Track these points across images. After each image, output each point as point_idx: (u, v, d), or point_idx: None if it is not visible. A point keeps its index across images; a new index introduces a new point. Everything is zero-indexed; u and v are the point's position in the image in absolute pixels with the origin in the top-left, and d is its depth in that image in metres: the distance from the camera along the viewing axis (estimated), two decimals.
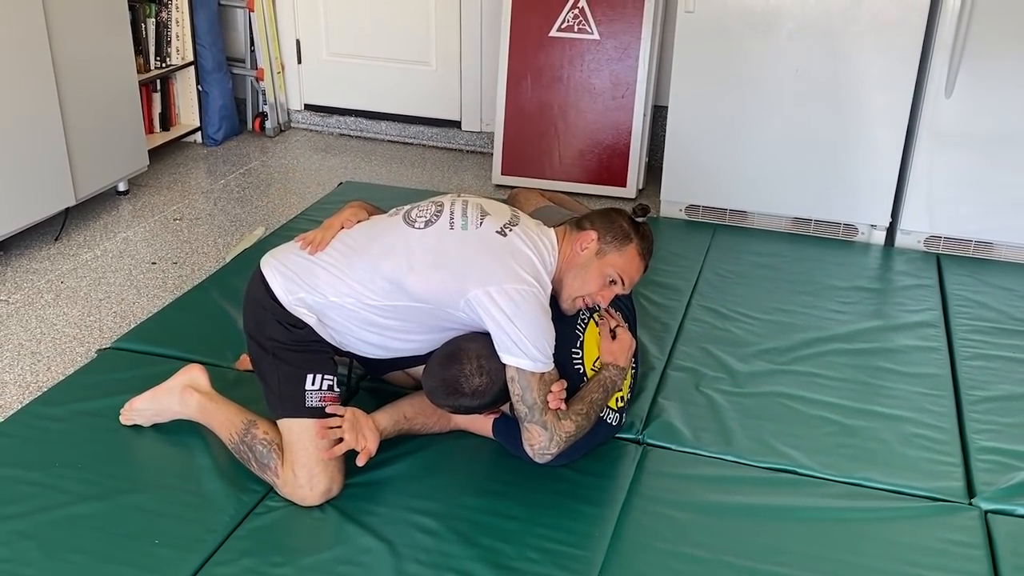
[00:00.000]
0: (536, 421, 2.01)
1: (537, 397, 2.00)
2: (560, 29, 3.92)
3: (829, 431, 2.38)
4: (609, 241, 2.12)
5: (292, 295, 2.09)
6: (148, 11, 4.15)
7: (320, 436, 2.06)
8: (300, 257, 2.12)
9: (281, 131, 4.74)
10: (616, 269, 2.12)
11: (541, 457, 2.04)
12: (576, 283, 2.11)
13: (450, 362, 2.03)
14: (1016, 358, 2.73)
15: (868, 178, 3.44)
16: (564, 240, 2.14)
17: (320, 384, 2.09)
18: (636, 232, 2.16)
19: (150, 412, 2.29)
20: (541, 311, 2.00)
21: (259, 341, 2.13)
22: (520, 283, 1.99)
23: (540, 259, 2.06)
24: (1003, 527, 2.07)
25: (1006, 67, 3.17)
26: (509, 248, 2.04)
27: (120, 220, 3.70)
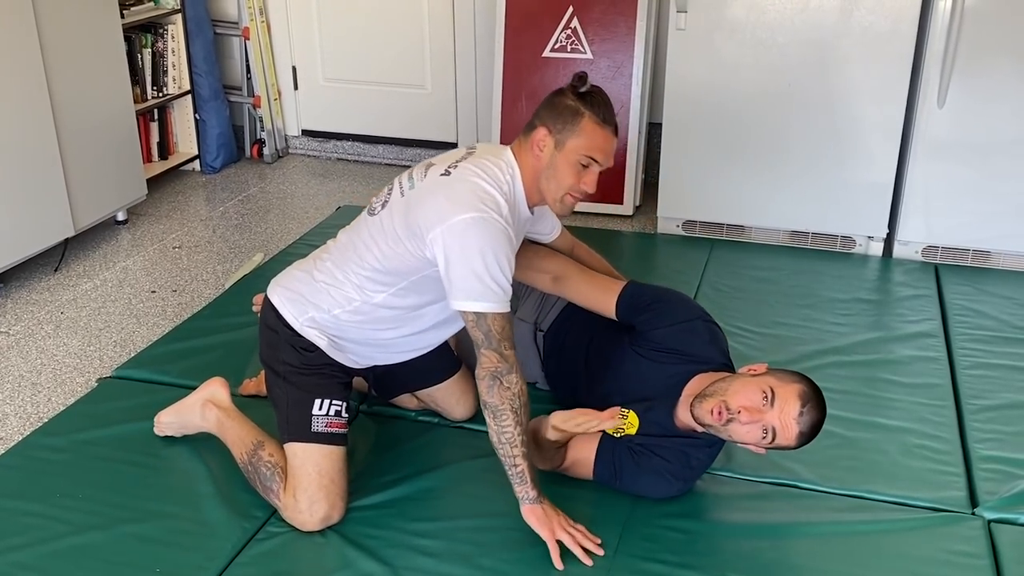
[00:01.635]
0: (494, 349, 1.94)
1: (499, 336, 1.92)
2: (553, 49, 3.94)
3: (830, 443, 2.37)
4: (561, 128, 1.98)
5: (302, 315, 2.10)
6: (144, 41, 4.18)
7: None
8: (303, 273, 2.14)
9: (279, 157, 4.76)
10: (581, 151, 1.98)
11: (490, 385, 1.92)
12: (552, 184, 2.02)
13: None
14: (1016, 366, 2.73)
15: (864, 190, 3.45)
16: (520, 151, 2.03)
17: (327, 410, 2.08)
18: (584, 102, 1.98)
19: (176, 425, 2.34)
20: (493, 237, 1.89)
21: (272, 366, 2.14)
22: (465, 212, 1.89)
23: (493, 182, 1.96)
24: (1007, 536, 2.06)
25: (997, 76, 3.19)
26: (453, 183, 1.96)
27: (119, 249, 3.71)
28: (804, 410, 1.93)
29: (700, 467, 2.16)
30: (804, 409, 1.93)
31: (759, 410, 1.94)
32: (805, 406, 1.93)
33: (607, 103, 2.01)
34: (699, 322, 2.22)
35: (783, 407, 1.93)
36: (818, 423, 1.97)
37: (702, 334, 2.21)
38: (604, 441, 2.17)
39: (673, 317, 2.22)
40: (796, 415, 1.93)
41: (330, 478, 2.06)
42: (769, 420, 1.94)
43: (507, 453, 1.95)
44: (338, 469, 2.08)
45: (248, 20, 4.49)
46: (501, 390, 1.93)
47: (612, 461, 2.14)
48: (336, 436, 2.09)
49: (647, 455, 2.12)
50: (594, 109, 1.98)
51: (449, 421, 2.43)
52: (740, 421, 1.95)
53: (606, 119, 2.00)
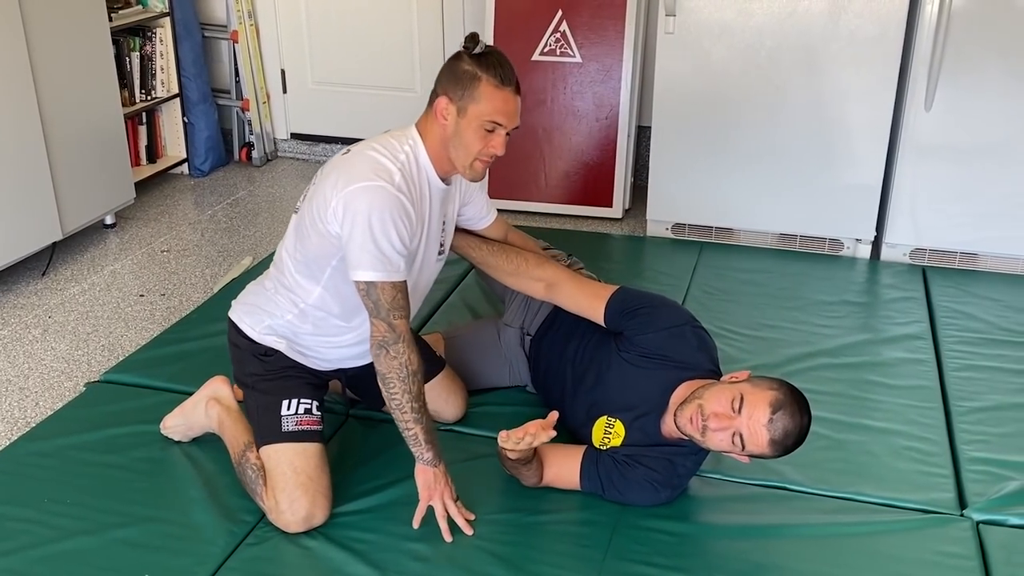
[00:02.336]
0: (383, 318, 1.96)
1: (388, 305, 1.94)
2: (542, 53, 3.95)
3: (819, 446, 2.38)
4: (461, 94, 1.95)
5: (259, 325, 2.16)
6: (132, 45, 4.17)
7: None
8: (255, 285, 2.23)
9: (268, 160, 4.75)
10: (484, 116, 1.95)
11: (377, 354, 1.98)
12: (460, 152, 2.00)
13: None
14: (1004, 368, 2.74)
15: (852, 192, 3.47)
16: (425, 126, 2.02)
17: (296, 408, 2.11)
18: (481, 65, 1.94)
19: (183, 427, 2.34)
20: (383, 205, 1.91)
21: (242, 381, 2.20)
22: (357, 183, 1.92)
23: (389, 154, 1.97)
24: (995, 537, 2.07)
25: (983, 79, 3.21)
26: (350, 159, 2.00)
27: (107, 253, 3.70)
28: (774, 417, 1.90)
29: (687, 474, 2.16)
30: (774, 416, 1.90)
31: (728, 416, 1.93)
32: (776, 412, 1.90)
33: (504, 63, 1.97)
34: (688, 328, 2.21)
35: (751, 413, 1.91)
36: (795, 430, 1.93)
37: (690, 340, 2.20)
38: (588, 453, 2.16)
39: (661, 323, 2.21)
40: (765, 422, 1.90)
41: (307, 475, 2.06)
42: (737, 426, 1.92)
43: (398, 418, 2.01)
44: (315, 466, 2.08)
45: (237, 23, 4.48)
46: (388, 359, 1.97)
47: (597, 474, 2.14)
48: (308, 433, 2.10)
49: (632, 465, 2.12)
50: (491, 71, 1.94)
51: (439, 424, 2.42)
52: (711, 428, 1.94)
53: (504, 80, 1.95)
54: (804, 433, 1.97)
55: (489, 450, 2.29)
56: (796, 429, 1.94)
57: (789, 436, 1.93)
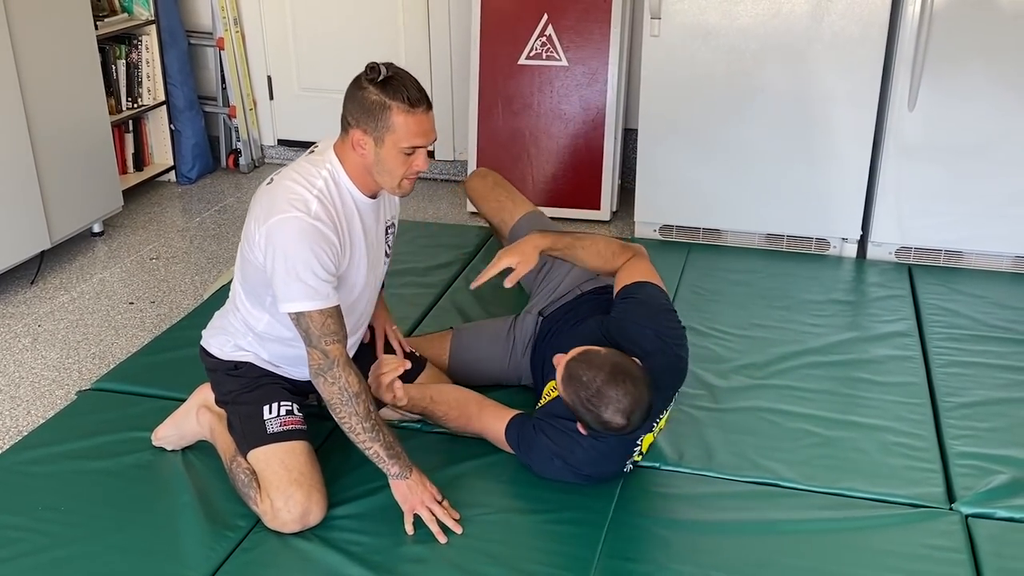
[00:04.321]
0: (315, 346, 1.99)
1: (318, 333, 1.97)
2: (529, 57, 3.97)
3: (809, 443, 2.40)
4: (373, 125, 1.96)
5: (227, 344, 2.22)
6: (118, 52, 4.17)
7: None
8: (221, 309, 2.28)
9: (255, 167, 4.76)
10: (402, 143, 1.97)
11: (316, 382, 2.02)
12: (385, 177, 2.04)
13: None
14: (990, 363, 2.77)
15: (838, 192, 3.50)
16: (344, 151, 2.04)
17: (278, 411, 2.14)
18: (388, 92, 1.94)
19: (175, 437, 2.34)
20: (298, 237, 1.93)
21: (223, 400, 2.23)
22: (273, 217, 1.95)
23: (305, 182, 1.98)
24: (984, 530, 2.09)
25: (966, 79, 3.24)
26: (270, 191, 2.01)
27: (96, 261, 3.70)
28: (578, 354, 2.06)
29: (587, 458, 2.16)
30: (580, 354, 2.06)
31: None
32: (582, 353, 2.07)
33: (410, 83, 1.96)
34: (653, 332, 2.23)
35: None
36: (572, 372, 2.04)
37: (651, 342, 2.21)
38: (519, 414, 2.25)
39: (636, 316, 2.26)
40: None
41: (299, 471, 2.07)
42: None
43: (354, 440, 2.04)
44: (304, 462, 2.10)
45: (223, 30, 4.48)
46: (327, 385, 2.00)
47: (517, 434, 2.22)
48: (293, 432, 2.13)
49: (538, 433, 2.19)
50: (399, 97, 1.94)
51: (431, 427, 2.43)
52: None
53: (413, 102, 1.95)
54: (590, 385, 2.01)
55: (482, 451, 2.30)
56: (584, 379, 2.02)
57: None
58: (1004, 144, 3.29)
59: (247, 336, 2.20)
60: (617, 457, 2.20)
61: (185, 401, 2.36)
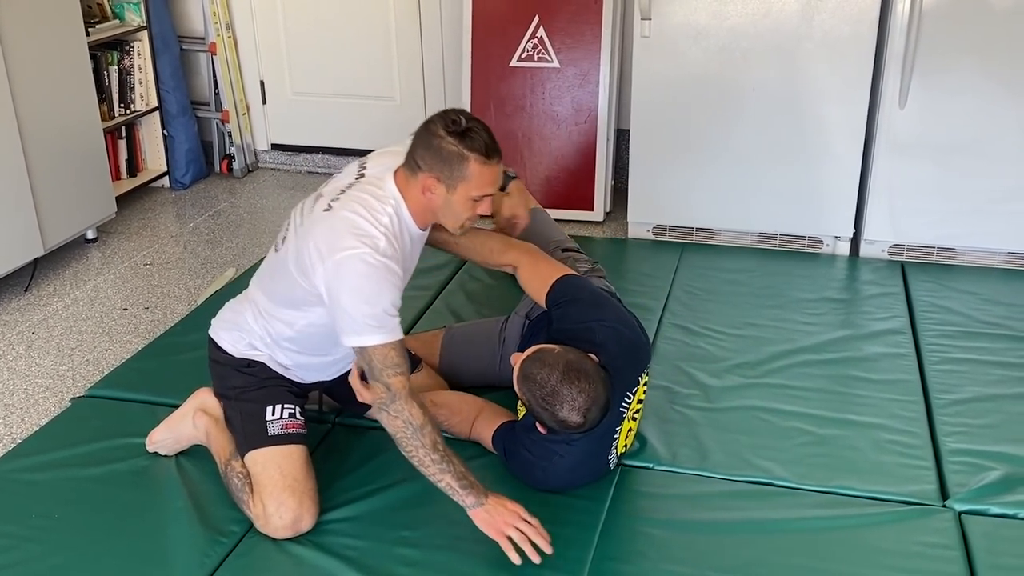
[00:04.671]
0: (376, 379, 1.96)
1: (380, 366, 1.94)
2: (520, 59, 3.97)
3: (803, 441, 2.40)
4: (448, 174, 1.97)
5: (240, 342, 2.20)
6: (110, 59, 4.16)
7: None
8: (236, 304, 2.25)
9: (249, 172, 4.75)
10: (474, 192, 2.00)
11: (379, 415, 1.99)
12: (449, 219, 2.06)
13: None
14: (982, 360, 2.77)
15: (830, 190, 3.50)
16: (406, 187, 2.03)
17: (280, 413, 2.14)
18: (466, 143, 1.95)
19: (170, 441, 2.34)
20: (367, 274, 1.92)
21: (224, 395, 2.22)
22: (340, 252, 1.93)
23: (371, 218, 1.97)
24: (977, 527, 2.10)
25: (956, 76, 3.24)
26: (332, 220, 1.99)
27: (90, 268, 3.69)
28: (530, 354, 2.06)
29: (567, 464, 2.16)
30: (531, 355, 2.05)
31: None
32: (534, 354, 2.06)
33: (486, 135, 1.99)
34: (606, 327, 2.19)
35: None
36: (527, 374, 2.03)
37: (598, 333, 2.18)
38: (507, 423, 2.25)
39: (581, 317, 2.21)
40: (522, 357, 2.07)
41: (293, 477, 2.07)
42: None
43: (425, 473, 1.99)
44: (300, 468, 2.10)
45: (215, 35, 4.48)
46: (390, 419, 1.97)
47: (503, 441, 2.23)
48: (293, 436, 2.13)
49: (519, 446, 2.19)
50: (477, 148, 1.96)
51: None
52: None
53: (490, 154, 1.98)
54: (545, 384, 2.00)
55: (474, 453, 2.30)
56: (537, 378, 2.01)
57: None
58: (995, 140, 3.30)
59: (265, 339, 2.18)
60: (596, 456, 2.19)
61: (180, 405, 2.36)
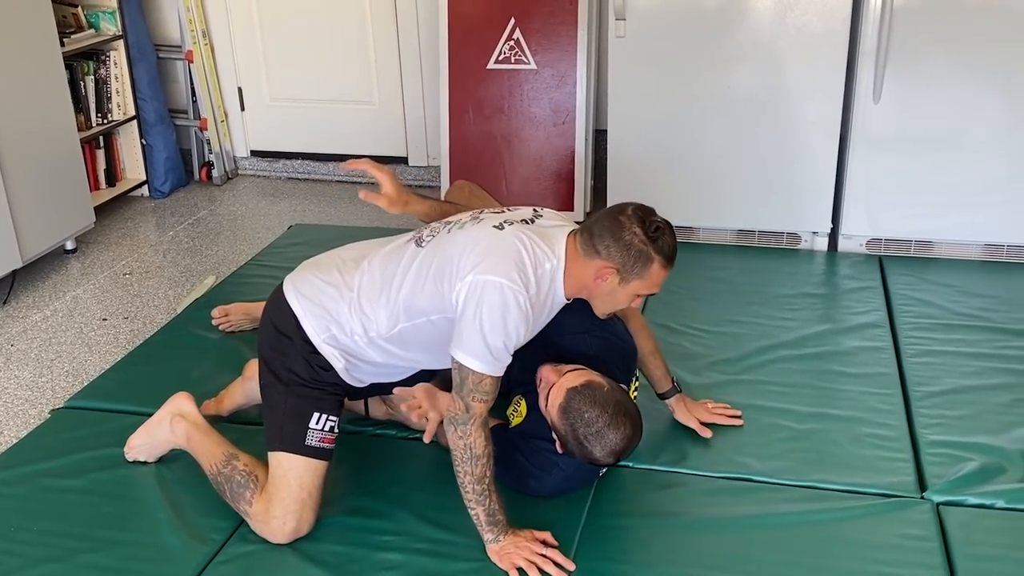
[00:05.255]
0: (462, 396, 1.96)
1: (471, 387, 1.94)
2: (497, 61, 3.97)
3: (782, 437, 2.42)
4: (630, 270, 1.97)
5: (324, 332, 2.08)
6: (86, 69, 4.15)
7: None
8: (330, 288, 2.10)
9: (228, 179, 4.74)
10: (644, 290, 2.04)
11: (447, 429, 2.00)
12: (605, 305, 2.07)
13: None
14: (960, 352, 2.79)
15: (807, 186, 3.52)
16: (574, 258, 2.00)
17: (324, 424, 2.09)
18: (655, 246, 1.96)
19: (147, 447, 2.32)
20: (511, 309, 1.91)
21: (275, 371, 2.11)
22: (498, 275, 1.91)
23: (535, 263, 1.96)
24: (954, 518, 2.11)
25: (928, 70, 3.27)
26: (500, 241, 1.97)
27: (69, 279, 3.68)
28: (573, 390, 2.02)
29: (563, 477, 2.16)
30: (575, 389, 2.02)
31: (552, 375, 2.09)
32: (579, 390, 2.02)
33: (673, 239, 2.01)
34: (588, 335, 2.21)
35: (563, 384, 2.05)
36: (584, 415, 2.00)
37: (591, 345, 2.21)
38: (496, 430, 2.20)
39: (566, 328, 2.20)
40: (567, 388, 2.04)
41: (308, 492, 2.07)
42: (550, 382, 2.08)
43: (463, 497, 2.00)
44: (317, 484, 2.09)
45: (191, 43, 4.47)
46: (455, 437, 1.97)
47: (494, 447, 2.17)
48: (325, 451, 2.10)
49: (516, 453, 2.18)
50: (664, 252, 1.98)
51: (411, 431, 2.43)
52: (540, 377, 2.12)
53: (672, 259, 2.01)
54: (591, 424, 1.99)
55: None
56: (585, 416, 2.00)
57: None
58: (970, 133, 3.32)
59: (354, 335, 2.07)
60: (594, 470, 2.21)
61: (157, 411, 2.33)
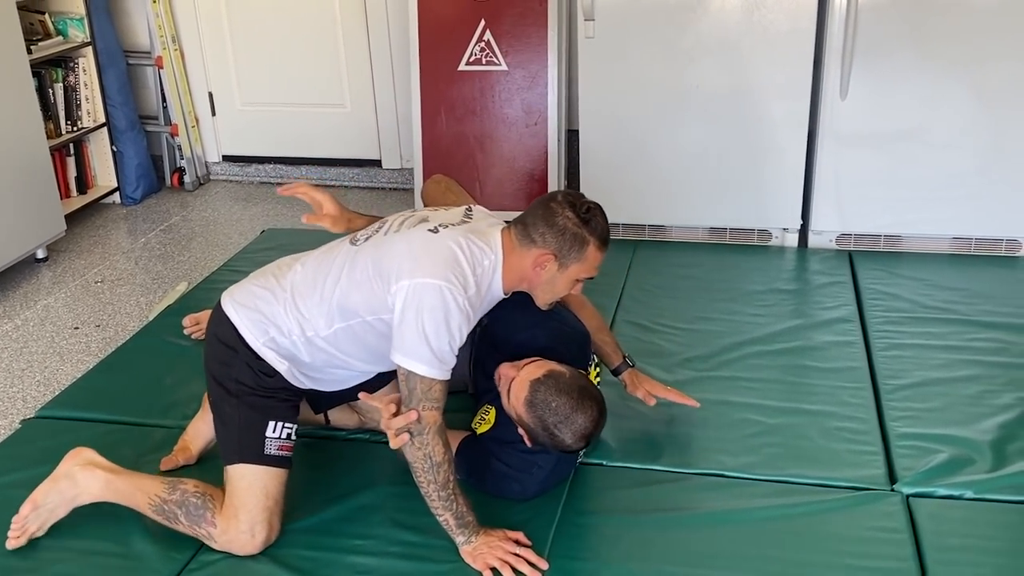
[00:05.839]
0: (413, 407, 1.95)
1: (420, 396, 1.93)
2: (469, 63, 3.98)
3: (754, 432, 2.43)
4: (566, 254, 2.01)
5: (263, 336, 2.06)
6: (55, 76, 4.12)
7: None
8: (264, 291, 2.09)
9: (200, 184, 4.72)
10: (583, 274, 2.06)
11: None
12: (546, 294, 2.09)
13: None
14: (929, 344, 2.82)
15: (777, 183, 3.54)
16: (511, 251, 2.03)
17: (280, 432, 2.08)
18: (589, 227, 2.00)
19: (45, 511, 2.11)
20: (450, 310, 1.91)
21: (223, 383, 2.09)
22: (435, 278, 1.91)
23: (472, 262, 1.97)
24: (924, 509, 2.13)
25: (894, 67, 3.30)
26: (435, 243, 1.98)
27: (40, 288, 3.65)
28: (535, 381, 2.05)
29: (543, 474, 2.17)
30: (537, 380, 2.05)
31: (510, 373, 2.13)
32: (542, 381, 2.05)
33: (605, 220, 2.05)
34: (539, 330, 2.23)
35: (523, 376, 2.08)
36: (549, 403, 2.02)
37: (542, 338, 2.22)
38: (467, 437, 2.23)
39: (516, 325, 2.23)
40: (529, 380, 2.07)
41: (274, 499, 2.06)
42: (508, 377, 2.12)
43: (428, 504, 2.00)
44: (281, 491, 2.08)
45: (160, 49, 4.45)
46: (412, 448, 1.96)
47: (467, 459, 2.20)
48: (285, 459, 2.09)
49: (493, 460, 2.18)
50: (597, 233, 2.02)
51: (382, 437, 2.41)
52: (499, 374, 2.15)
53: (606, 240, 2.05)
54: (559, 411, 2.02)
55: None
56: (552, 404, 2.02)
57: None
58: (935, 128, 3.36)
59: (292, 336, 2.05)
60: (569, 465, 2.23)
61: (59, 467, 2.15)
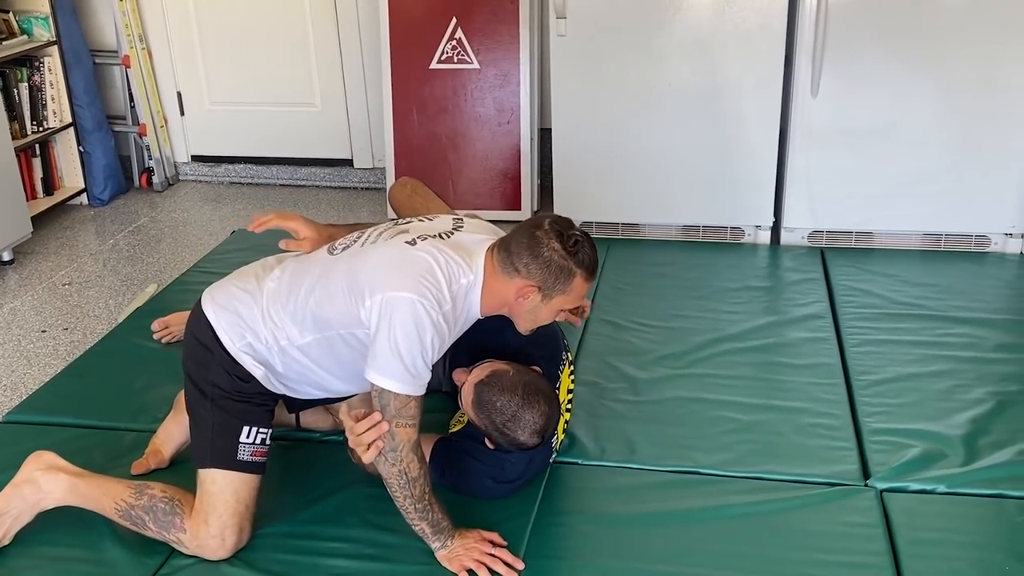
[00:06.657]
0: (386, 422, 1.91)
1: (394, 412, 1.90)
2: (440, 61, 3.96)
3: (728, 429, 2.44)
4: (551, 286, 1.96)
5: (240, 340, 2.03)
6: (19, 75, 4.06)
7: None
8: (244, 294, 2.06)
9: (169, 185, 4.67)
10: (567, 305, 2.03)
11: (377, 458, 1.93)
12: (528, 323, 2.06)
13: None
14: (901, 340, 2.84)
15: (749, 181, 3.55)
16: (492, 274, 1.98)
17: (255, 438, 2.05)
18: (575, 259, 1.95)
19: (10, 517, 2.08)
20: (424, 325, 1.87)
21: (199, 385, 2.07)
22: (408, 292, 1.87)
23: (449, 279, 1.93)
24: (898, 504, 2.15)
25: (864, 65, 3.32)
26: (411, 257, 1.94)
27: (6, 291, 3.60)
28: (480, 382, 2.05)
29: (518, 469, 2.17)
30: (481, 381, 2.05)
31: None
32: (485, 382, 2.05)
33: (593, 250, 1.99)
34: (509, 333, 2.17)
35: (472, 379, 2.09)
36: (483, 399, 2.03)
37: (511, 339, 2.18)
38: (440, 440, 2.22)
39: (485, 328, 2.18)
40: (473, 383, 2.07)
41: (245, 504, 2.04)
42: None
43: (404, 515, 1.99)
44: (253, 496, 2.06)
45: (128, 48, 4.39)
46: (387, 465, 1.94)
47: (441, 460, 2.19)
48: (259, 464, 2.06)
49: (466, 458, 2.17)
50: (585, 265, 1.97)
51: None
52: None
53: (593, 271, 2.00)
54: (505, 410, 2.01)
55: None
56: (498, 404, 2.02)
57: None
58: (906, 125, 3.38)
59: (266, 342, 2.02)
60: (544, 456, 2.22)
61: (20, 471, 2.12)
